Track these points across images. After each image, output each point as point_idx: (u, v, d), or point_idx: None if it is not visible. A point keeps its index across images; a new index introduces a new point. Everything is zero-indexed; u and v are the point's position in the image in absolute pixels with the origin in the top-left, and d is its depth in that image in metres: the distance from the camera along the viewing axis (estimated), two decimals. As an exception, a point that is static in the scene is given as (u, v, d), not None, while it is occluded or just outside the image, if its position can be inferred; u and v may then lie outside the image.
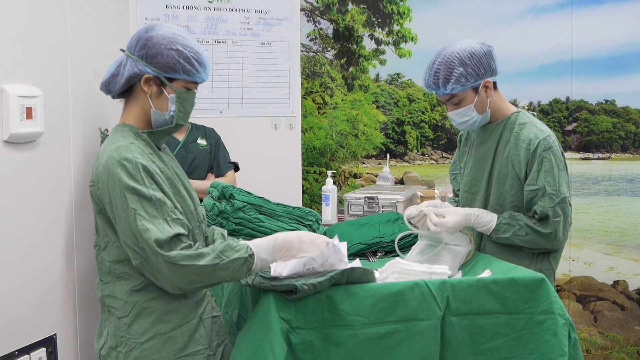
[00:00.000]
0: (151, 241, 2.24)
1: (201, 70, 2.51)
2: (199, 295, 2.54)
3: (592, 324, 5.11)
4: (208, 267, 2.28)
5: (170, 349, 2.44)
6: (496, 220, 3.02)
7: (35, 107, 2.47)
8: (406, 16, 5.43)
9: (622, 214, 5.10)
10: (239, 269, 2.33)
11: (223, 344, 2.61)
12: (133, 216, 2.27)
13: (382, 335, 2.35)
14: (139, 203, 2.28)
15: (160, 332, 2.43)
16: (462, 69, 2.98)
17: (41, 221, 2.57)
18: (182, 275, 2.27)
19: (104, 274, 2.49)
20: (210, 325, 2.56)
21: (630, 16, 4.94)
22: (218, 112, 4.80)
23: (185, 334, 2.47)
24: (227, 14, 4.76)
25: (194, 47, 2.50)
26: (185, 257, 2.25)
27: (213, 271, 2.29)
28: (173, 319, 2.45)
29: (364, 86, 5.55)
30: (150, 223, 2.26)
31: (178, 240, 2.28)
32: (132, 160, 2.32)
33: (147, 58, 2.45)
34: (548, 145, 2.98)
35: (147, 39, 2.46)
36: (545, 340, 2.46)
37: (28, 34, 2.49)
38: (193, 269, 2.26)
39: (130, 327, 2.43)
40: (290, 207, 3.28)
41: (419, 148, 5.57)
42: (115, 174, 2.31)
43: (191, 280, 2.29)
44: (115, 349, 2.45)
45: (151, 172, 2.35)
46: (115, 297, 2.46)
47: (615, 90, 5.08)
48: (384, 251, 3.31)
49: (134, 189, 2.29)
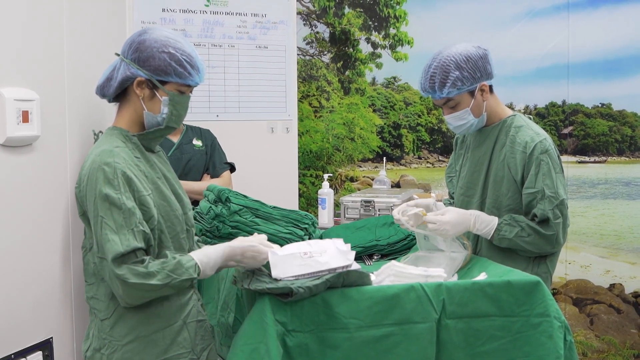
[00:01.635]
0: (110, 254, 2.27)
1: (194, 73, 2.51)
2: (183, 299, 2.54)
3: (589, 327, 5.12)
4: (157, 286, 2.31)
5: (152, 352, 2.45)
6: (497, 221, 3.02)
7: (31, 110, 2.47)
8: (402, 20, 5.44)
9: (618, 217, 5.10)
10: (183, 285, 2.40)
11: (208, 348, 2.62)
12: (100, 224, 2.30)
13: (378, 338, 2.35)
14: (109, 211, 2.30)
15: (142, 334, 2.44)
16: (458, 72, 2.99)
17: (38, 224, 2.57)
18: (131, 292, 2.30)
19: (89, 275, 2.51)
20: (194, 329, 2.56)
21: (626, 20, 4.95)
22: (215, 115, 4.80)
23: (168, 337, 2.47)
24: (224, 18, 4.76)
25: (187, 50, 2.51)
26: (135, 275, 2.28)
27: (161, 289, 2.33)
28: (155, 321, 2.46)
29: (360, 90, 5.55)
30: (114, 234, 2.28)
31: (133, 256, 2.30)
32: (112, 165, 2.33)
33: (140, 61, 2.46)
34: (544, 148, 2.99)
35: (139, 42, 2.48)
36: (541, 343, 2.46)
37: (25, 38, 2.49)
38: (142, 287, 2.29)
39: (112, 329, 2.44)
40: (286, 211, 3.28)
41: (415, 151, 5.57)
42: (94, 178, 2.33)
43: (140, 296, 2.34)
44: (99, 351, 2.46)
45: (129, 179, 2.36)
46: (98, 299, 2.47)
47: (611, 93, 5.08)
48: (380, 254, 3.31)
49: (107, 196, 2.30)
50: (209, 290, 3.09)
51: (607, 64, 5.03)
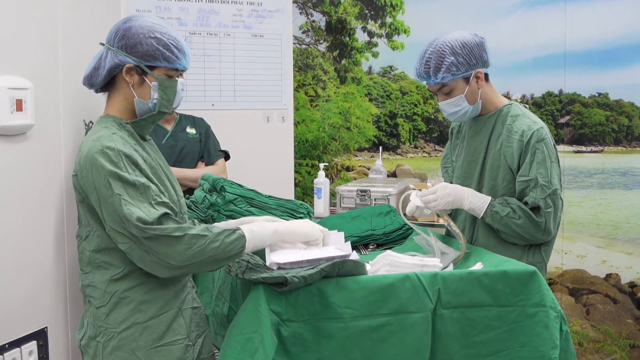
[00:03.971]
0: (139, 222, 2.24)
1: (181, 56, 2.53)
2: (178, 286, 2.54)
3: (585, 317, 5.12)
4: (200, 238, 2.29)
5: (148, 338, 2.44)
6: (490, 200, 3.02)
7: (25, 99, 2.46)
8: (399, 8, 5.42)
9: (615, 207, 5.10)
10: (231, 243, 2.34)
11: (203, 335, 2.61)
12: (118, 201, 2.28)
13: (373, 328, 2.35)
14: (123, 189, 2.29)
15: (138, 321, 2.44)
16: (453, 57, 2.99)
17: (31, 214, 2.56)
18: (176, 249, 2.27)
19: (84, 264, 2.50)
20: (189, 316, 2.56)
21: (623, 9, 4.93)
22: (210, 104, 4.79)
23: (163, 324, 2.47)
24: (219, 6, 4.74)
25: (173, 35, 2.52)
26: (176, 228, 2.27)
27: (204, 243, 2.29)
28: (151, 308, 2.45)
29: (356, 79, 5.54)
30: (135, 207, 2.27)
31: (166, 218, 2.29)
32: (114, 148, 2.33)
33: (127, 48, 2.47)
34: (541, 137, 2.99)
35: (125, 29, 2.49)
36: (536, 333, 2.46)
37: (18, 26, 2.48)
38: (185, 240, 2.27)
39: (108, 316, 2.44)
40: (282, 200, 3.27)
41: (411, 141, 5.56)
42: (98, 162, 2.31)
43: (185, 256, 2.28)
44: (95, 339, 2.45)
45: (134, 159, 2.37)
46: (94, 286, 2.46)
47: (608, 83, 5.07)
48: (376, 244, 3.30)
49: (117, 174, 2.30)
50: (204, 280, 3.08)
51: (604, 54, 5.01)
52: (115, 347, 2.43)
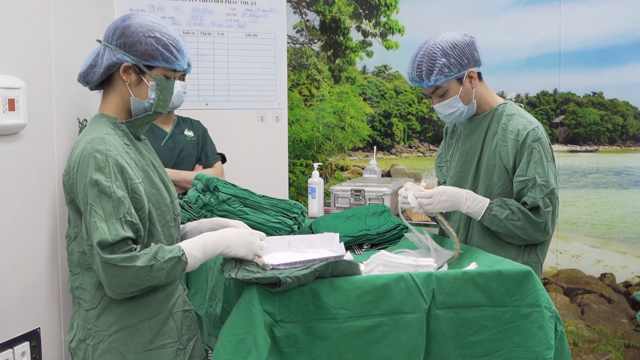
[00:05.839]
0: (96, 241, 2.23)
1: (180, 57, 2.51)
2: (169, 289, 2.53)
3: (579, 317, 5.12)
4: (145, 269, 2.26)
5: (138, 342, 2.43)
6: (488, 202, 3.01)
7: (18, 98, 2.45)
8: (393, 8, 5.42)
9: (610, 206, 5.09)
10: (173, 268, 2.33)
11: (194, 338, 2.61)
12: (89, 211, 2.27)
13: (367, 329, 2.34)
14: (98, 199, 2.27)
15: (128, 324, 2.42)
16: (445, 59, 2.99)
17: (24, 214, 2.55)
18: (119, 278, 2.25)
19: (74, 265, 2.48)
20: (180, 319, 2.55)
21: (618, 8, 4.93)
22: (204, 104, 4.78)
23: (154, 327, 2.46)
24: (213, 5, 4.73)
25: (172, 35, 2.50)
26: (122, 259, 2.23)
27: (149, 272, 2.28)
28: (141, 311, 2.44)
29: (350, 78, 5.53)
30: (103, 222, 2.25)
31: (123, 244, 2.26)
32: (104, 152, 2.31)
33: (125, 46, 2.44)
34: (537, 137, 2.99)
35: (124, 27, 2.45)
36: (531, 334, 2.46)
37: (11, 25, 2.47)
38: (130, 271, 2.24)
39: (98, 319, 2.42)
40: (275, 200, 3.26)
41: (406, 140, 5.55)
42: (84, 165, 2.30)
43: (127, 284, 2.27)
44: (84, 342, 2.44)
45: (121, 167, 2.34)
46: (84, 289, 2.45)
47: (603, 82, 5.07)
48: (370, 244, 3.29)
49: (97, 182, 2.27)
50: (197, 281, 3.08)
51: (598, 53, 5.01)
52: (105, 350, 2.41)
